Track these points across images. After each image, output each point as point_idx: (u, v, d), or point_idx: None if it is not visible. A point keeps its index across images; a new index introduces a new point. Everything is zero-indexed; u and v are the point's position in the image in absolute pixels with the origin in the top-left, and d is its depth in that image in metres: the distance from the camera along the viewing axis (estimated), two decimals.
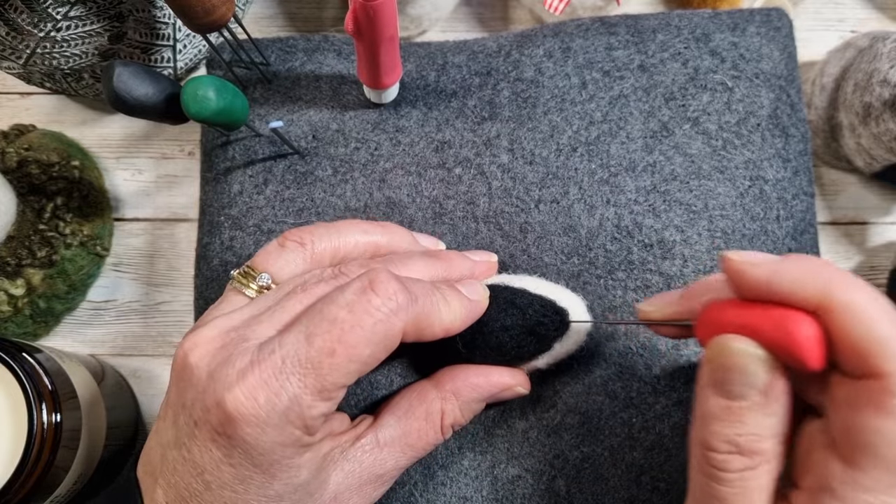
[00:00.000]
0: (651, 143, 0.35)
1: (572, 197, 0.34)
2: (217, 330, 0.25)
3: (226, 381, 0.23)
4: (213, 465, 0.23)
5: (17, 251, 0.40)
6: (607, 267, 0.33)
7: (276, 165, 0.36)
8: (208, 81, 0.30)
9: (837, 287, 0.20)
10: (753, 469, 0.22)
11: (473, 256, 0.32)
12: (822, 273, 0.21)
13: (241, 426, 0.22)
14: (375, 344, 0.24)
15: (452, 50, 0.38)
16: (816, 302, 0.21)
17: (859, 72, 0.41)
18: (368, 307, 0.23)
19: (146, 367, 0.45)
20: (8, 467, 0.32)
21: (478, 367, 0.30)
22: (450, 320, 0.27)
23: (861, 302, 0.20)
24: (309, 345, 0.23)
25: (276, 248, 0.28)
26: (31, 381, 0.33)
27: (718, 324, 0.23)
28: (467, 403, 0.30)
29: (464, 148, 0.35)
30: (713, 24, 0.37)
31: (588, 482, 0.31)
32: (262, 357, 0.23)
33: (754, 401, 0.22)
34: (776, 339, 0.21)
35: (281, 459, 0.23)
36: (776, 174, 0.35)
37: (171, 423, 0.25)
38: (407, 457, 0.28)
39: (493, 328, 0.29)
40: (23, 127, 0.45)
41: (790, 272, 0.21)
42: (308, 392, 0.23)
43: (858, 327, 0.20)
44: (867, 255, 0.46)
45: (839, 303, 0.20)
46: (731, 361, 0.22)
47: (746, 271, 0.22)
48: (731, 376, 0.22)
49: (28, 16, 0.38)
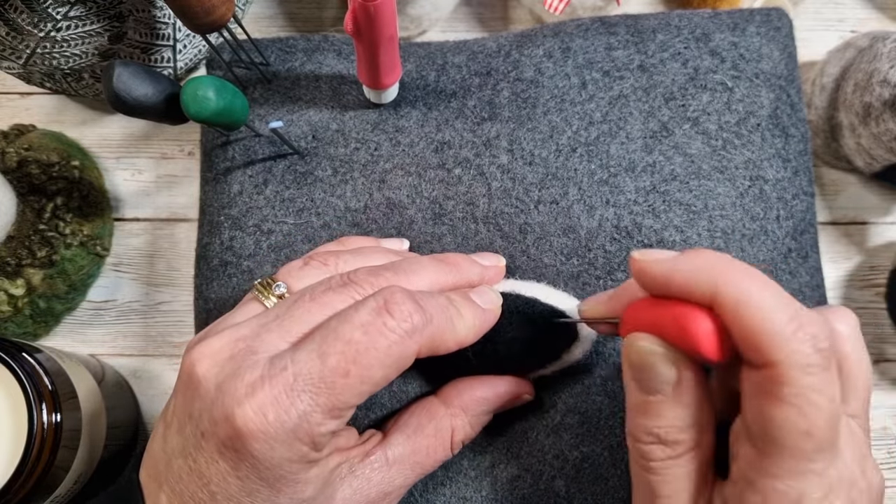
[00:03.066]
0: (651, 143, 0.35)
1: (572, 198, 0.34)
2: (225, 340, 0.25)
3: (235, 395, 0.23)
4: (220, 476, 0.23)
5: (17, 251, 0.40)
6: (607, 268, 0.33)
7: (275, 165, 0.36)
8: (208, 81, 0.30)
9: (725, 280, 0.21)
10: (676, 458, 0.23)
11: (483, 261, 0.31)
12: (712, 268, 0.21)
13: (249, 441, 0.22)
14: (389, 366, 0.23)
15: (452, 50, 0.38)
16: (709, 297, 0.21)
17: (859, 72, 0.41)
18: (384, 329, 0.23)
19: (146, 367, 0.45)
20: (8, 467, 0.32)
21: (483, 379, 0.30)
22: (464, 334, 0.26)
23: (749, 293, 0.21)
24: (322, 364, 0.23)
25: (299, 265, 0.29)
26: (31, 381, 0.33)
27: (633, 322, 0.24)
28: (476, 417, 0.30)
29: (463, 148, 0.35)
30: (713, 24, 0.37)
31: (587, 482, 0.31)
32: (274, 373, 0.23)
33: (667, 395, 0.22)
34: (676, 336, 0.22)
35: (287, 475, 0.23)
36: (776, 174, 0.35)
37: (177, 431, 0.24)
38: (415, 474, 0.28)
39: (504, 338, 0.29)
40: (23, 127, 0.45)
41: (682, 269, 0.22)
42: (318, 410, 0.23)
43: (747, 319, 0.20)
44: (867, 255, 0.46)
45: (727, 296, 0.21)
46: (640, 359, 0.23)
47: (646, 269, 0.23)
48: (643, 373, 0.23)
49: (28, 16, 0.38)
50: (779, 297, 0.21)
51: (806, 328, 0.20)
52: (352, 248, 0.31)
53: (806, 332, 0.20)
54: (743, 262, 0.22)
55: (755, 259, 0.33)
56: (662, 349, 0.22)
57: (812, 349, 0.20)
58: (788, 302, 0.21)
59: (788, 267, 0.34)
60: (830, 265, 0.45)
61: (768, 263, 0.34)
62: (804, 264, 0.35)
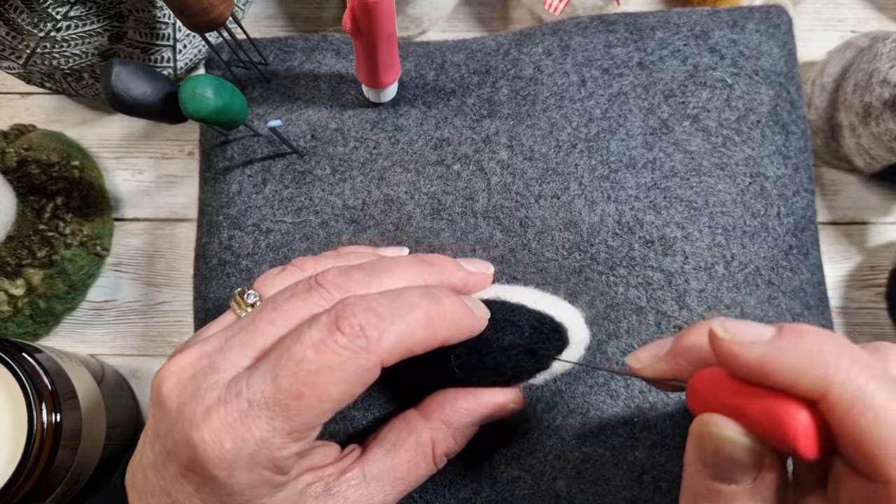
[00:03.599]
0: (651, 139, 0.35)
1: (573, 192, 0.34)
2: (190, 357, 0.24)
3: (193, 419, 0.22)
4: (185, 497, 0.23)
5: (17, 251, 0.40)
6: (609, 263, 0.33)
7: (274, 165, 0.36)
8: (206, 80, 0.30)
9: (839, 375, 0.18)
10: None
11: (468, 266, 0.30)
12: (822, 358, 0.18)
13: (209, 468, 0.22)
14: (348, 382, 0.23)
15: (451, 49, 0.38)
16: (815, 393, 0.18)
17: (859, 72, 0.41)
18: (335, 347, 0.22)
19: (146, 367, 0.45)
20: (8, 467, 0.32)
21: (466, 391, 0.29)
22: (446, 329, 0.25)
23: (868, 395, 0.18)
24: (275, 387, 0.22)
25: (276, 272, 0.28)
26: (31, 381, 0.33)
27: (710, 399, 0.21)
28: (459, 430, 0.28)
29: (462, 145, 0.35)
30: (712, 22, 0.37)
31: (589, 482, 0.31)
32: (229, 398, 0.22)
33: (742, 486, 0.20)
34: (768, 429, 0.19)
35: (252, 499, 0.23)
36: (776, 171, 0.35)
37: (150, 446, 0.24)
38: (397, 490, 0.27)
39: (491, 349, 0.28)
40: (23, 127, 0.45)
41: (785, 358, 0.19)
42: (277, 435, 0.22)
43: (864, 427, 0.18)
44: (867, 255, 0.46)
45: (840, 396, 0.18)
46: (717, 446, 0.20)
47: (738, 354, 0.20)
48: (719, 461, 0.20)
49: (28, 16, 0.38)
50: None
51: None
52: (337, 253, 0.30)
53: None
54: (855, 348, 0.19)
55: (756, 255, 0.33)
56: (748, 441, 0.20)
57: None
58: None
59: (789, 264, 0.34)
60: (830, 265, 0.45)
61: (769, 260, 0.34)
62: (805, 261, 0.35)
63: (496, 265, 0.33)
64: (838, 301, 0.45)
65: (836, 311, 0.44)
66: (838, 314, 0.44)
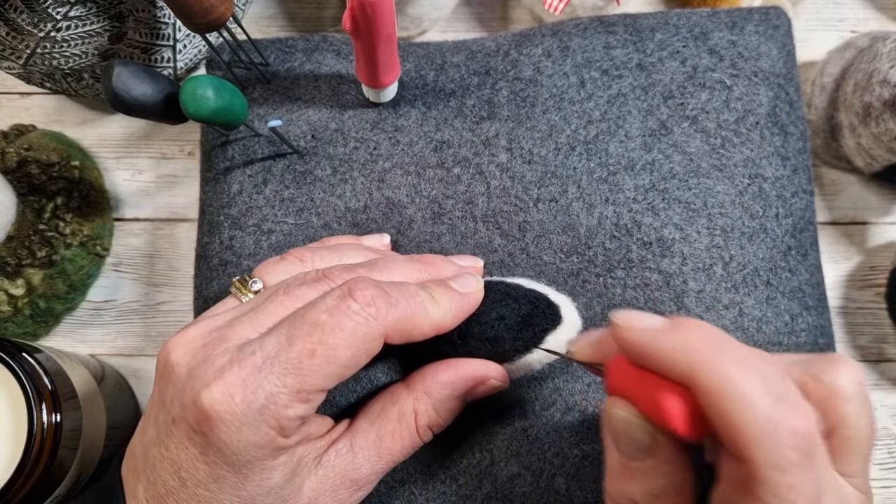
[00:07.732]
0: (650, 141, 0.35)
1: (571, 195, 0.34)
2: (200, 330, 0.26)
3: (204, 379, 0.23)
4: (189, 462, 0.23)
5: (17, 251, 0.41)
6: (606, 265, 0.33)
7: (275, 165, 0.36)
8: (207, 80, 0.30)
9: (703, 366, 0.20)
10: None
11: (459, 261, 0.32)
12: (694, 349, 0.20)
13: (216, 424, 0.23)
14: (356, 347, 0.24)
15: (451, 49, 0.38)
16: (685, 380, 0.20)
17: (859, 72, 0.41)
18: (348, 311, 0.24)
19: (146, 367, 0.45)
20: (8, 467, 0.32)
21: (448, 362, 0.29)
22: (439, 318, 0.27)
23: (728, 381, 0.19)
24: (290, 346, 0.23)
25: (276, 261, 0.29)
26: (31, 381, 0.33)
27: (615, 381, 0.23)
28: (441, 402, 0.29)
29: (462, 147, 0.35)
30: (711, 23, 0.37)
31: (588, 480, 0.31)
32: (242, 357, 0.23)
33: (644, 461, 0.22)
34: (650, 409, 0.21)
35: (254, 461, 0.23)
36: (775, 172, 0.35)
37: (153, 421, 0.25)
38: (384, 461, 0.28)
39: (489, 318, 0.29)
40: (23, 127, 0.45)
41: (661, 347, 0.21)
42: (286, 392, 0.23)
43: (723, 410, 0.19)
44: (867, 255, 0.46)
45: (702, 383, 0.20)
46: (617, 426, 0.22)
47: (626, 339, 0.22)
48: (620, 439, 0.22)
49: (28, 16, 0.38)
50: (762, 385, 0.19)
51: (786, 423, 0.19)
52: (329, 245, 0.31)
53: (786, 429, 0.19)
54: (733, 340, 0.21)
55: (755, 256, 0.33)
56: (638, 420, 0.22)
57: (791, 447, 0.19)
58: (773, 389, 0.19)
59: (788, 265, 0.34)
60: (830, 265, 0.45)
61: (767, 261, 0.34)
62: (804, 262, 0.35)
63: (495, 269, 0.34)
64: (838, 301, 0.45)
65: (836, 311, 0.44)
66: (838, 314, 0.44)
